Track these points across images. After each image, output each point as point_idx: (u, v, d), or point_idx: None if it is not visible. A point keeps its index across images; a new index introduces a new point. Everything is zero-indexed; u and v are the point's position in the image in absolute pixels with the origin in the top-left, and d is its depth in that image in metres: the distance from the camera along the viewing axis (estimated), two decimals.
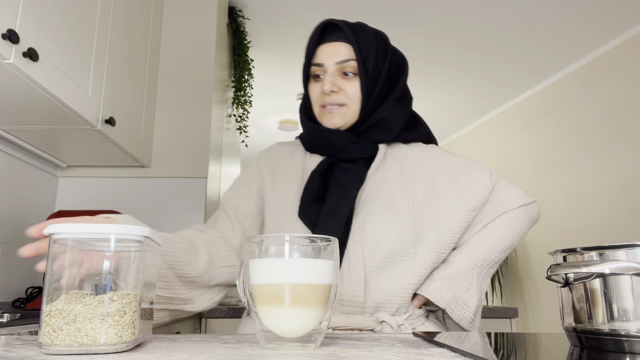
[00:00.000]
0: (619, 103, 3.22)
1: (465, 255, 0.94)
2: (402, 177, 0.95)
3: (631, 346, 0.46)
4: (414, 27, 3.12)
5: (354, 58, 0.91)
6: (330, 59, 0.92)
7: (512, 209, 0.98)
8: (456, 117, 4.73)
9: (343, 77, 0.93)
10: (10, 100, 1.35)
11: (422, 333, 0.69)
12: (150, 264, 0.56)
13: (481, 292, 0.94)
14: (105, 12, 1.64)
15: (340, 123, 0.93)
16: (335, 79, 0.92)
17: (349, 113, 0.93)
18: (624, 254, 0.48)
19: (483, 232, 0.97)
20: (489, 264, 0.95)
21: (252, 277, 0.54)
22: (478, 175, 0.98)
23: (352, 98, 0.92)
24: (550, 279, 0.52)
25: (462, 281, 0.92)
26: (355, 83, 0.92)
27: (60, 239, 0.50)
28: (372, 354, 0.48)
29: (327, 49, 0.93)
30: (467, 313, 0.91)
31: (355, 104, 0.92)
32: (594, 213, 3.33)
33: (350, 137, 0.93)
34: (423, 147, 1.01)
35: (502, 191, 0.99)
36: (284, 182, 0.96)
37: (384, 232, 0.88)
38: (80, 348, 0.46)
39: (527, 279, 4.00)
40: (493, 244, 0.95)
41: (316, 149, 0.97)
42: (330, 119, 0.93)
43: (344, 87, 0.92)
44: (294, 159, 0.99)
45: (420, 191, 0.94)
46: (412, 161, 0.97)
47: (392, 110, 0.94)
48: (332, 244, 0.56)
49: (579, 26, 3.08)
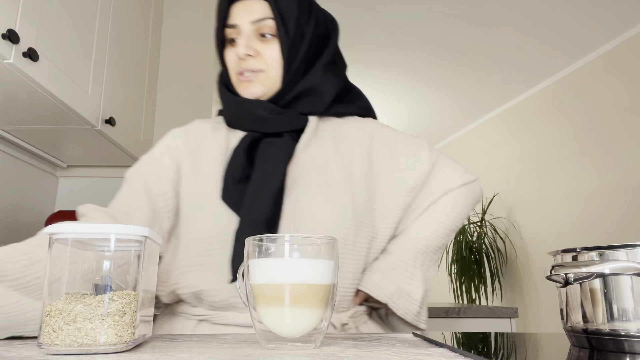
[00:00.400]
0: (618, 103, 3.22)
1: (407, 243, 0.86)
2: (337, 152, 0.85)
3: (631, 346, 0.46)
4: (414, 28, 3.12)
5: (271, 16, 0.80)
6: (245, 19, 0.81)
7: (454, 188, 0.90)
8: (456, 117, 4.73)
9: (260, 39, 0.81)
10: (10, 100, 1.35)
11: (422, 333, 0.69)
12: (151, 264, 0.56)
13: (426, 282, 0.86)
14: (105, 12, 1.64)
15: (260, 92, 0.82)
16: (251, 42, 0.81)
17: (269, 80, 0.82)
18: (624, 254, 0.48)
19: (424, 217, 0.89)
20: (432, 250, 0.88)
21: (252, 277, 0.54)
22: (417, 151, 0.90)
23: (271, 63, 0.81)
24: (550, 279, 0.52)
25: (404, 272, 0.83)
26: (275, 46, 0.81)
27: (60, 239, 0.50)
28: (372, 354, 0.48)
29: (241, 7, 0.81)
30: (412, 306, 0.83)
31: (275, 70, 0.81)
32: (594, 213, 3.33)
33: (274, 108, 0.82)
34: (359, 121, 0.92)
35: (442, 170, 0.91)
36: (205, 163, 0.83)
37: (322, 212, 0.78)
38: (80, 348, 0.46)
39: (527, 279, 4.00)
40: (436, 228, 0.87)
41: (237, 123, 0.85)
42: (248, 87, 0.82)
43: (261, 51, 0.81)
44: (217, 137, 0.86)
45: (357, 168, 0.85)
46: (346, 135, 0.88)
47: (322, 78, 0.84)
48: (333, 243, 0.56)
49: (579, 26, 3.08)
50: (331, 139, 0.86)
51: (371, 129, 0.91)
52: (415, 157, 0.89)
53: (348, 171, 0.84)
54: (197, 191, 0.82)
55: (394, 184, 0.87)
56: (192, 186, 0.82)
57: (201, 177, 0.82)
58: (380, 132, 0.91)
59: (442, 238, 0.89)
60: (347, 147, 0.87)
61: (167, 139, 0.88)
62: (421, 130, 5.04)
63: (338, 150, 0.86)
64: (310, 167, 0.82)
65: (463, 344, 0.56)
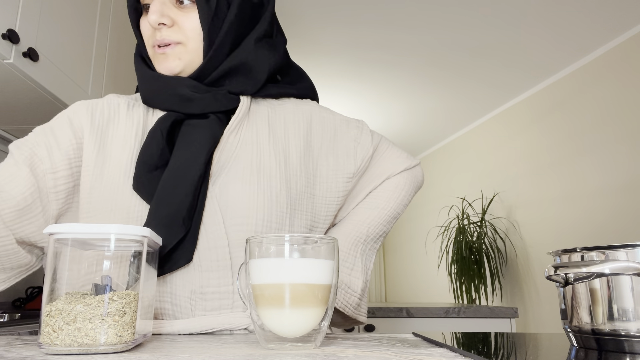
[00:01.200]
0: (618, 103, 3.22)
1: (347, 232, 0.81)
2: (272, 136, 0.77)
3: (631, 346, 0.46)
4: (413, 28, 3.12)
5: None
6: None
7: (395, 173, 0.85)
8: (456, 117, 4.73)
9: (177, 6, 0.71)
10: (10, 100, 1.35)
11: (422, 333, 0.69)
12: (151, 264, 0.56)
13: (366, 272, 0.81)
14: (105, 12, 1.64)
15: (178, 68, 0.72)
16: (166, 8, 0.70)
17: (187, 54, 0.72)
18: (624, 254, 0.48)
19: (364, 204, 0.84)
20: (373, 239, 0.83)
21: (252, 277, 0.54)
22: (358, 135, 0.84)
23: (190, 35, 0.71)
24: (550, 279, 0.52)
25: (344, 262, 0.79)
26: (193, 14, 0.71)
27: (60, 239, 0.50)
28: (372, 354, 0.48)
29: None
30: (352, 298, 0.78)
31: (195, 43, 0.71)
32: (594, 213, 3.33)
33: (197, 85, 0.72)
34: (296, 102, 0.84)
35: (384, 154, 0.86)
36: (116, 145, 0.72)
37: (252, 200, 0.69)
38: (80, 348, 0.46)
39: (527, 279, 4.00)
40: (377, 214, 0.82)
41: (155, 101, 0.73)
42: (164, 62, 0.71)
43: (178, 20, 0.71)
44: (132, 116, 0.74)
45: (293, 152, 0.77)
46: (282, 117, 0.80)
47: (254, 53, 0.74)
48: (333, 243, 0.56)
49: (578, 26, 3.09)
50: (265, 122, 0.78)
51: (309, 111, 0.83)
52: (356, 141, 0.83)
53: (283, 155, 0.76)
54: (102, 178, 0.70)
55: (336, 169, 0.80)
56: (97, 171, 0.70)
57: (108, 161, 0.71)
58: (319, 114, 0.84)
59: (384, 226, 0.84)
60: (283, 130, 0.79)
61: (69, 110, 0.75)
62: (421, 130, 5.04)
63: (273, 133, 0.78)
64: (240, 151, 0.73)
65: (463, 344, 0.56)
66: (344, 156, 0.82)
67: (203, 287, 0.67)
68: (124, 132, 0.73)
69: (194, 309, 0.67)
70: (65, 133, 0.71)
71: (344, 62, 3.54)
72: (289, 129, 0.79)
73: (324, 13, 2.95)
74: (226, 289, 0.68)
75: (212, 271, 0.67)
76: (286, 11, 2.93)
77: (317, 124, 0.82)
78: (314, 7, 2.89)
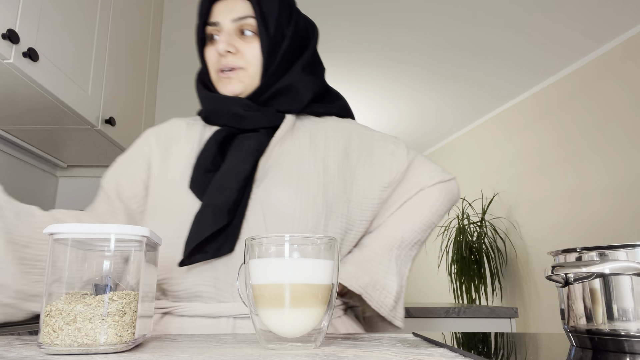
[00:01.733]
0: (618, 103, 3.22)
1: (382, 237, 0.86)
2: (312, 147, 0.86)
3: (631, 346, 0.46)
4: (414, 28, 3.12)
5: (252, 15, 0.82)
6: (226, 17, 0.83)
7: (429, 185, 0.91)
8: (456, 117, 4.73)
9: (241, 37, 0.83)
10: (10, 100, 1.35)
11: (422, 333, 0.69)
12: (151, 264, 0.56)
13: (402, 277, 0.85)
14: (105, 12, 1.64)
15: (239, 89, 0.84)
16: (232, 39, 0.83)
17: (248, 78, 0.83)
18: (624, 254, 0.48)
19: (399, 212, 0.89)
20: (408, 245, 0.87)
21: (252, 277, 0.54)
22: (394, 150, 0.91)
23: (251, 61, 0.83)
24: (550, 279, 0.52)
25: (379, 264, 0.83)
26: (255, 44, 0.83)
27: (60, 239, 0.50)
28: (372, 354, 0.48)
29: (223, 6, 0.84)
30: (387, 299, 0.81)
31: (255, 68, 0.83)
32: (594, 213, 3.33)
33: (250, 104, 0.83)
34: (337, 120, 0.93)
35: (418, 168, 0.93)
36: (176, 156, 0.85)
37: (291, 201, 0.78)
38: (80, 348, 0.46)
39: (527, 279, 4.00)
40: (411, 222, 0.88)
41: (213, 119, 0.86)
42: (228, 85, 0.83)
43: (241, 49, 0.83)
44: (191, 133, 0.88)
45: (332, 162, 0.86)
46: (323, 132, 0.89)
47: (300, 78, 0.86)
48: (333, 243, 0.56)
49: (579, 26, 3.09)
50: (307, 136, 0.87)
51: (349, 127, 0.92)
52: (392, 155, 0.91)
53: (322, 164, 0.84)
54: (163, 182, 0.82)
55: (372, 178, 0.87)
56: (160, 178, 0.83)
57: (170, 169, 0.83)
58: (358, 130, 0.93)
59: (418, 233, 0.88)
60: (324, 143, 0.88)
61: (139, 138, 0.90)
62: (421, 130, 5.04)
63: (314, 145, 0.87)
64: (283, 160, 0.83)
65: (463, 344, 0.56)
66: (380, 167, 0.89)
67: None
68: (184, 146, 0.86)
69: (234, 294, 0.75)
70: (138, 161, 0.86)
71: (345, 61, 3.54)
72: (329, 141, 0.88)
73: (326, 13, 2.95)
74: None
75: None
76: None
77: (356, 138, 0.91)
78: (316, 7, 2.89)
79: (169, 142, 0.87)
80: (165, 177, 0.82)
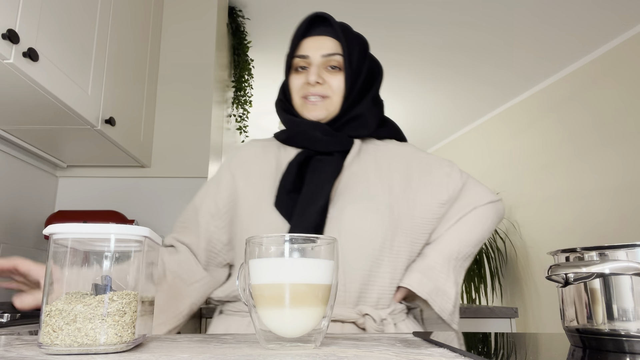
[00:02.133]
0: (619, 103, 3.22)
1: (441, 248, 0.96)
2: (378, 170, 0.97)
3: (631, 346, 0.46)
4: (414, 28, 3.12)
5: (340, 53, 0.94)
6: (317, 52, 0.95)
7: (482, 204, 1.02)
8: (456, 116, 4.73)
9: (327, 70, 0.95)
10: (10, 100, 1.35)
11: (422, 333, 0.69)
12: (151, 264, 0.56)
13: (458, 285, 0.95)
14: (105, 12, 1.64)
15: (323, 115, 0.95)
16: (320, 71, 0.95)
17: (332, 105, 0.95)
18: (624, 254, 0.48)
19: (456, 227, 1.00)
20: (463, 257, 0.98)
21: (252, 277, 0.54)
22: (449, 172, 1.02)
23: (336, 91, 0.95)
24: (550, 279, 0.52)
25: (440, 272, 0.93)
26: (339, 77, 0.95)
27: (60, 239, 0.50)
28: (372, 354, 0.48)
29: (314, 42, 0.96)
30: (448, 305, 0.92)
31: (338, 97, 0.95)
32: (594, 213, 3.33)
33: (327, 129, 0.95)
34: (397, 144, 1.05)
35: (471, 189, 1.03)
36: (258, 176, 0.97)
37: (362, 220, 0.89)
38: (80, 348, 0.46)
39: (527, 279, 4.00)
40: (467, 237, 0.98)
41: (293, 141, 0.98)
42: (313, 110, 0.95)
43: (328, 80, 0.95)
44: (267, 153, 1.00)
45: (396, 183, 0.96)
46: (386, 156, 1.00)
47: (370, 108, 0.98)
48: (333, 243, 0.56)
49: (579, 26, 3.09)
50: (372, 158, 0.99)
51: (409, 152, 1.04)
52: (448, 176, 1.01)
53: (387, 185, 0.95)
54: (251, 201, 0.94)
55: (432, 195, 0.98)
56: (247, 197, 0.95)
57: (254, 189, 0.95)
58: (417, 154, 1.04)
59: (471, 247, 0.99)
60: (388, 165, 0.99)
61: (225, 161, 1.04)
62: (421, 129, 5.04)
63: (378, 167, 0.98)
64: (353, 181, 0.94)
65: (463, 344, 0.56)
66: (438, 186, 0.99)
67: None
68: (262, 167, 0.98)
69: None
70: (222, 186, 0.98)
71: None
72: (392, 164, 0.99)
73: (326, 12, 2.95)
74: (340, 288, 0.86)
75: None
76: (287, 11, 2.93)
77: (416, 162, 1.02)
78: (314, 7, 2.89)
79: (249, 164, 0.99)
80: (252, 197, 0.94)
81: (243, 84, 2.71)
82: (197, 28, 2.25)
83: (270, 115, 4.74)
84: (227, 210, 0.96)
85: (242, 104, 2.72)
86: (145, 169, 2.09)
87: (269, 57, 3.50)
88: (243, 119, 2.77)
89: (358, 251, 0.87)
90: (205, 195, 0.99)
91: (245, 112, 2.78)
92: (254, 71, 3.53)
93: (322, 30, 0.96)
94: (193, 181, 2.09)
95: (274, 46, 3.35)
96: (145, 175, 2.09)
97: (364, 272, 0.87)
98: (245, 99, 2.73)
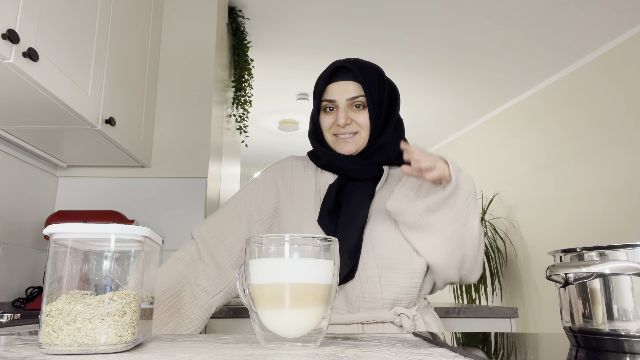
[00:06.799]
0: (619, 103, 3.22)
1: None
2: None
3: (631, 346, 0.46)
4: (414, 28, 3.12)
5: (362, 94, 1.06)
6: (342, 96, 1.06)
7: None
8: (456, 117, 4.73)
9: (353, 109, 1.07)
10: (10, 100, 1.35)
11: (422, 333, 0.69)
12: (150, 264, 0.56)
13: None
14: (105, 13, 1.64)
15: (353, 150, 1.07)
16: (347, 113, 1.07)
17: (361, 140, 1.07)
18: (624, 254, 0.48)
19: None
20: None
21: (252, 277, 0.54)
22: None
23: (363, 126, 1.07)
24: (550, 279, 0.52)
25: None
26: (365, 114, 1.07)
27: (60, 239, 0.50)
28: (372, 354, 0.48)
29: (338, 87, 1.07)
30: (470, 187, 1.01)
31: (365, 131, 1.07)
32: (594, 213, 3.33)
33: (359, 160, 1.07)
34: None
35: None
36: (300, 193, 1.10)
37: (391, 238, 1.02)
38: (80, 348, 0.46)
39: (527, 279, 4.00)
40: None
41: (329, 168, 1.12)
42: (345, 146, 1.07)
43: (355, 118, 1.07)
44: (307, 174, 1.14)
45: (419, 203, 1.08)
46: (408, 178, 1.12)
47: (392, 136, 1.09)
48: (332, 244, 0.56)
49: (580, 25, 3.09)
50: (397, 182, 1.10)
51: None
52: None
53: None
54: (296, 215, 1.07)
55: None
56: (291, 211, 1.08)
57: (298, 204, 1.08)
58: None
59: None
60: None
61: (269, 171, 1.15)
62: (421, 130, 5.04)
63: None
64: (383, 204, 1.06)
65: (463, 344, 0.56)
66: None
67: (364, 294, 0.99)
68: (304, 186, 1.11)
69: (359, 307, 1.00)
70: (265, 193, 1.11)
71: None
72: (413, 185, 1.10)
73: (324, 13, 2.95)
74: (378, 296, 0.99)
75: (368, 284, 0.99)
76: (287, 11, 2.93)
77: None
78: (314, 7, 2.89)
79: (291, 180, 1.12)
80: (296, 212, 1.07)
81: (243, 84, 2.71)
82: (197, 28, 2.25)
83: (270, 116, 4.75)
84: (268, 217, 1.09)
85: (242, 104, 2.72)
86: (145, 169, 2.09)
87: (269, 57, 3.50)
88: (243, 119, 2.77)
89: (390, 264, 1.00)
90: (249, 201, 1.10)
91: (245, 112, 2.78)
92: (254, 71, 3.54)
93: (344, 76, 1.08)
94: (193, 181, 2.09)
95: (274, 46, 3.35)
96: (145, 175, 2.09)
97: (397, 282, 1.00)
98: (245, 99, 2.74)
